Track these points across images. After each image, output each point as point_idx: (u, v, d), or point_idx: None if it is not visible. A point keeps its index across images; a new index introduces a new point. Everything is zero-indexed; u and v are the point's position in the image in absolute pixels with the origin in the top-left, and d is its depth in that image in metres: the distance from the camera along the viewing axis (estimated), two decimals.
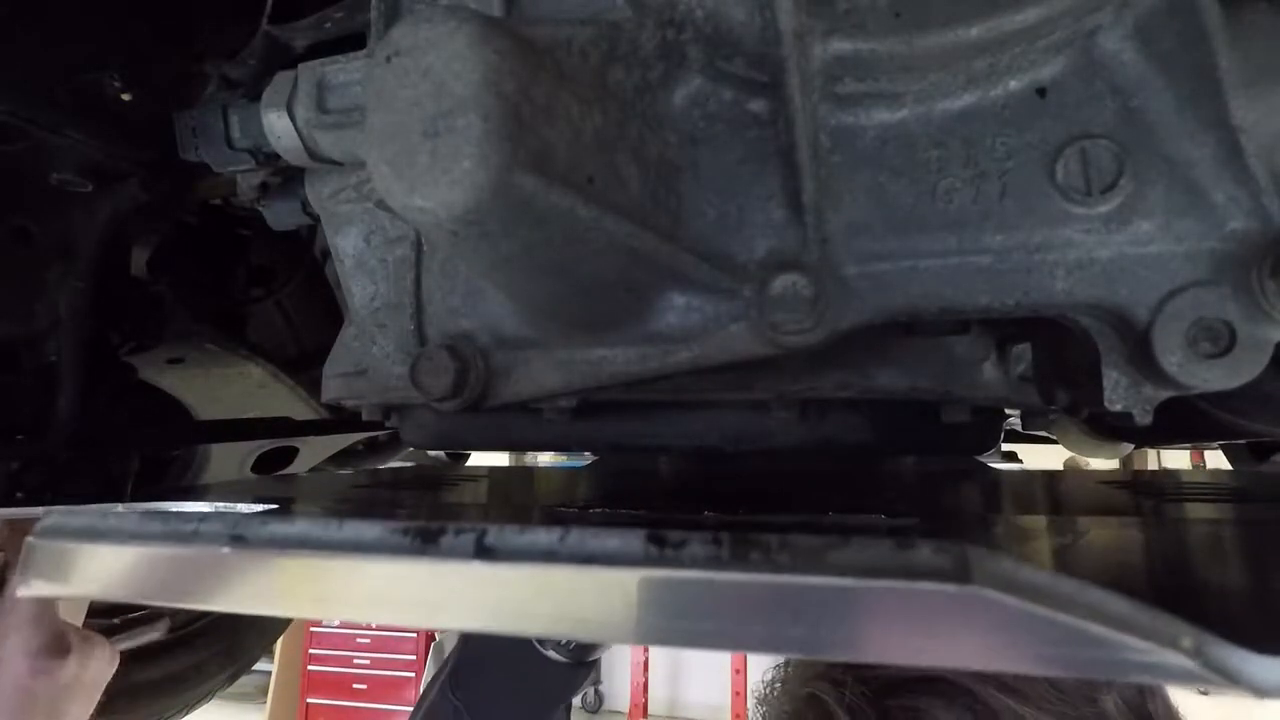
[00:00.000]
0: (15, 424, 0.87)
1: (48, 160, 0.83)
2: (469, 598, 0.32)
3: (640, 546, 0.29)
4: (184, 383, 1.17)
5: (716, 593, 0.28)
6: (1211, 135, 0.43)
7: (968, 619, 0.26)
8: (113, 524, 0.38)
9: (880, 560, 0.27)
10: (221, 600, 0.36)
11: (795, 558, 0.28)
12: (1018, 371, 0.59)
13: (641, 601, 0.29)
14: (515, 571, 0.30)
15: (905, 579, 0.26)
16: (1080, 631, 0.26)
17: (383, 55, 0.40)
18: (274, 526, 0.35)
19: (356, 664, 6.07)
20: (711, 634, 0.29)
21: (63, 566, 0.39)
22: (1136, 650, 0.26)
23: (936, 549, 0.27)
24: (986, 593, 0.26)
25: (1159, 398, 0.46)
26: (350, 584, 0.34)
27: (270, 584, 0.35)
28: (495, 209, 0.39)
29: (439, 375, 0.55)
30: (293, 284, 1.26)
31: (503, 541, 0.31)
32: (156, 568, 0.37)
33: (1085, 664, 0.26)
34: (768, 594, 0.28)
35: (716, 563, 0.28)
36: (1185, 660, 0.26)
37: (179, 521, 0.36)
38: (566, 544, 0.30)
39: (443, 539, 0.32)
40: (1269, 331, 0.42)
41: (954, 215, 0.47)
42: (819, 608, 0.27)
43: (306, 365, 1.26)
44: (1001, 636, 0.26)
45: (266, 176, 0.74)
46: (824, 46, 0.47)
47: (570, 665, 0.79)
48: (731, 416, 0.66)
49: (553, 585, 0.30)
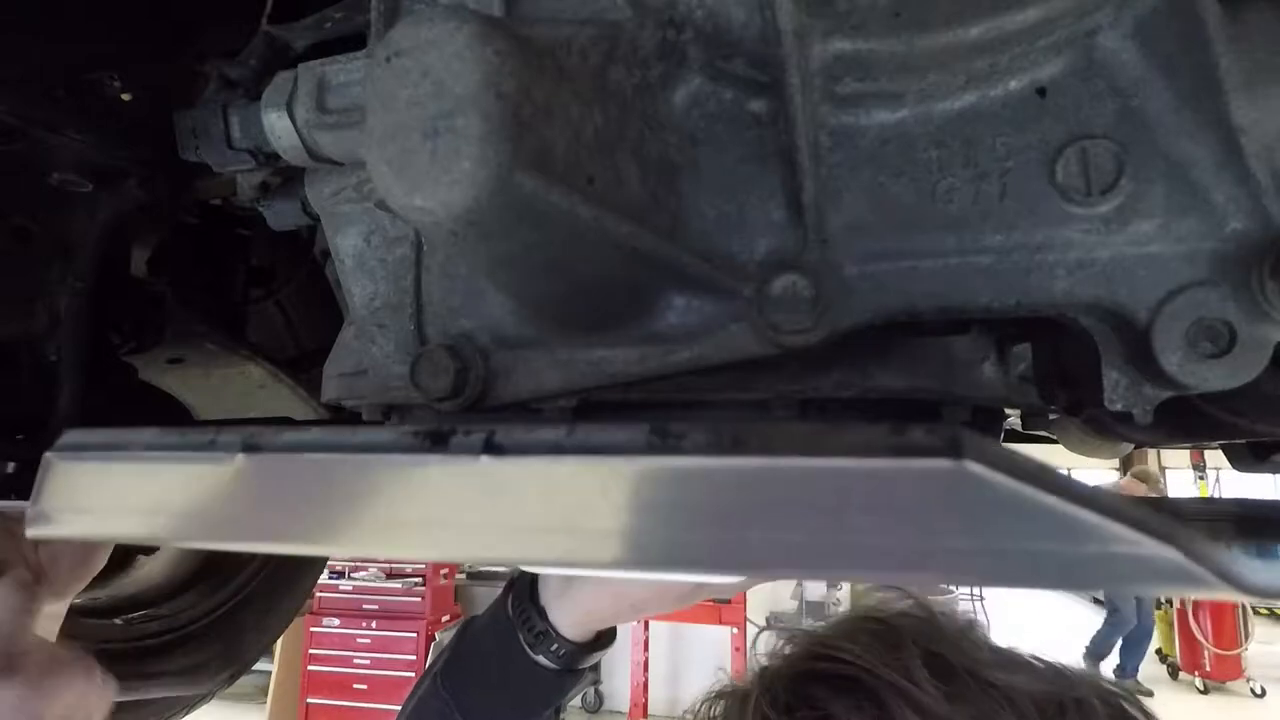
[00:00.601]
0: (15, 424, 0.87)
1: (48, 160, 0.83)
2: (478, 508, 0.31)
3: (643, 437, 0.30)
4: (184, 383, 1.17)
5: (717, 485, 0.28)
6: (1211, 135, 0.43)
7: (959, 498, 0.26)
8: (130, 438, 0.37)
9: (874, 440, 0.27)
10: (235, 533, 0.36)
11: (791, 442, 0.28)
12: (1018, 371, 0.59)
13: (643, 500, 0.29)
14: (522, 469, 0.31)
15: (898, 457, 0.26)
16: (1071, 518, 0.25)
17: (383, 55, 0.40)
18: (289, 435, 0.35)
19: (356, 664, 6.08)
20: (712, 545, 0.28)
21: (78, 489, 0.38)
22: (1127, 542, 0.25)
23: (929, 430, 0.27)
24: (978, 469, 0.25)
25: (1159, 398, 0.46)
26: (362, 501, 0.33)
27: (284, 509, 0.35)
28: (495, 209, 0.39)
29: (439, 375, 0.55)
30: (293, 284, 1.26)
31: (511, 438, 0.31)
32: (173, 492, 0.36)
33: (1075, 560, 0.25)
34: (766, 483, 0.28)
35: (716, 449, 0.28)
36: (1177, 555, 0.25)
37: (196, 433, 0.36)
38: (573, 438, 0.30)
39: (453, 439, 0.32)
40: (1269, 331, 0.42)
41: (954, 215, 0.47)
42: (816, 494, 0.27)
43: (306, 365, 1.26)
44: (992, 521, 0.26)
45: (266, 176, 0.74)
46: (824, 46, 0.47)
47: (559, 672, 0.78)
48: (731, 416, 0.66)
49: (558, 485, 0.30)
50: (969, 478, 0.25)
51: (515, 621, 0.79)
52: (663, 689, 6.50)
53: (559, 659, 0.77)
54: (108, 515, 0.38)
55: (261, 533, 0.36)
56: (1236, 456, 0.86)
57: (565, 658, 0.77)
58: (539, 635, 0.77)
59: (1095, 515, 0.25)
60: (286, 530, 0.35)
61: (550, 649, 0.77)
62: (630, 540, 0.29)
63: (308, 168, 0.66)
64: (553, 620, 0.77)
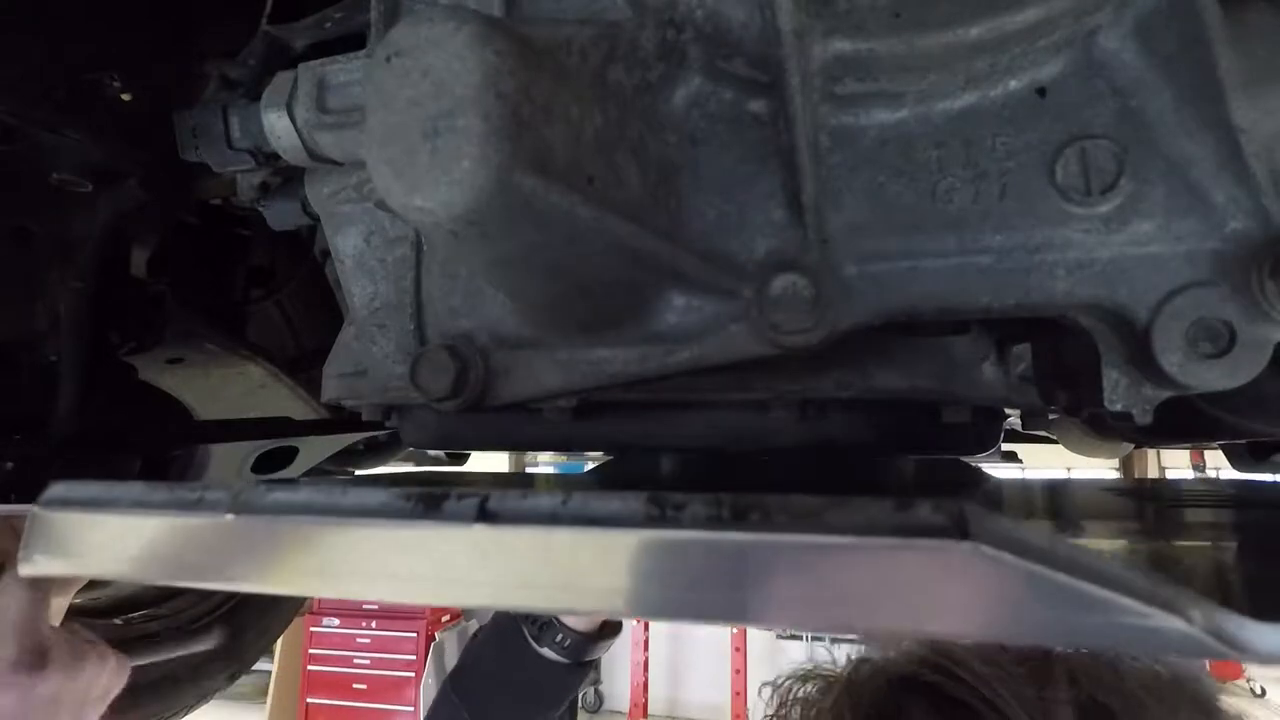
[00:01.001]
0: (14, 424, 0.87)
1: (48, 160, 0.83)
2: (471, 567, 0.31)
3: (641, 508, 0.29)
4: (184, 383, 1.17)
5: (716, 555, 0.28)
6: (1211, 135, 0.43)
7: (966, 577, 0.26)
8: (118, 493, 0.37)
9: (879, 518, 0.27)
10: (223, 577, 0.36)
11: (794, 517, 0.27)
12: (1018, 371, 0.59)
13: (642, 567, 0.29)
14: (517, 537, 0.30)
15: (903, 536, 0.26)
16: (1081, 593, 0.25)
17: (383, 55, 0.40)
18: (278, 494, 0.35)
19: (356, 664, 6.07)
20: (712, 603, 0.28)
21: (66, 538, 0.38)
22: (1138, 615, 0.25)
23: (935, 507, 0.26)
24: (985, 550, 0.25)
25: (1159, 398, 0.46)
26: (353, 554, 0.33)
27: (273, 557, 0.35)
28: (495, 209, 0.39)
29: (439, 375, 0.55)
30: (293, 284, 1.26)
31: (505, 506, 0.31)
32: (159, 541, 0.37)
33: (1085, 630, 0.26)
34: (767, 555, 0.28)
35: (717, 523, 0.28)
36: (1187, 626, 0.25)
37: (184, 490, 0.36)
38: (568, 507, 0.30)
39: (446, 504, 0.32)
40: (1269, 331, 0.42)
41: (954, 215, 0.47)
42: (818, 568, 0.27)
43: (306, 365, 1.26)
44: (1000, 597, 0.26)
45: (266, 176, 0.74)
46: (824, 46, 0.47)
47: (566, 665, 0.78)
48: (731, 416, 0.66)
49: (554, 552, 0.30)
50: (976, 558, 0.25)
51: (519, 616, 0.79)
52: (663, 689, 6.50)
53: (564, 650, 0.78)
54: (96, 562, 0.39)
55: (247, 579, 0.36)
56: (1236, 456, 0.86)
57: (570, 649, 0.78)
58: (543, 627, 0.78)
59: (1104, 590, 0.25)
60: (274, 578, 0.35)
61: (555, 640, 0.77)
62: (629, 597, 0.29)
63: (308, 168, 0.66)
64: None
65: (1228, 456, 0.96)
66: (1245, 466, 0.90)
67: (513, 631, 0.79)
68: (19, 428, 0.87)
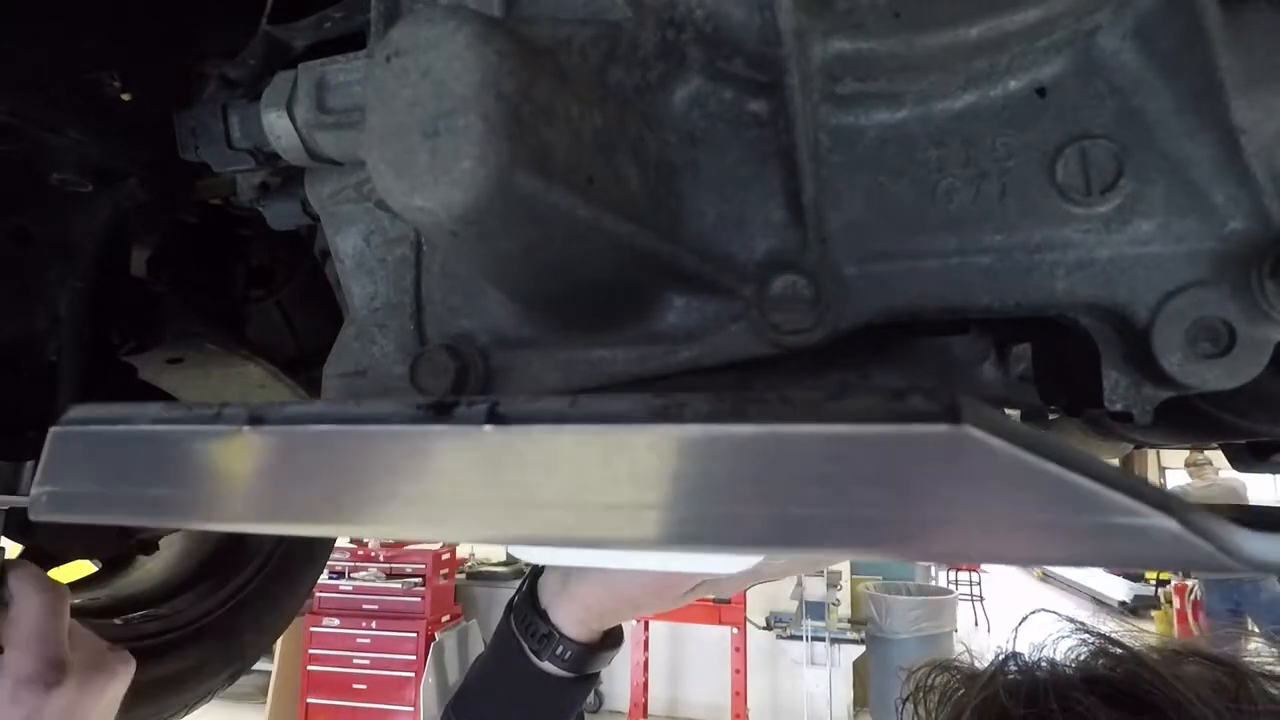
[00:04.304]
0: (14, 424, 0.87)
1: (48, 160, 0.83)
2: (483, 483, 0.31)
3: (646, 406, 0.30)
4: (184, 383, 1.17)
5: (718, 451, 0.29)
6: (1211, 135, 0.43)
7: (956, 463, 0.26)
8: (136, 411, 0.37)
9: (874, 407, 0.27)
10: (236, 510, 0.36)
11: (792, 409, 0.28)
12: (1018, 371, 0.59)
13: (645, 472, 0.29)
14: (526, 440, 0.31)
15: (898, 422, 0.26)
16: (1068, 484, 0.25)
17: (383, 55, 0.40)
18: (293, 408, 0.35)
19: (356, 664, 6.08)
20: (709, 520, 0.29)
21: (83, 463, 0.38)
22: (1129, 513, 0.25)
23: (928, 396, 0.27)
24: (976, 433, 0.25)
25: (1159, 398, 0.46)
26: (366, 472, 0.33)
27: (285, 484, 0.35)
28: (495, 209, 0.39)
29: (439, 375, 0.55)
30: (293, 284, 1.26)
31: (514, 409, 0.31)
32: (175, 465, 0.36)
33: (1071, 529, 0.25)
34: (765, 448, 0.28)
35: (718, 416, 0.29)
36: (1179, 528, 0.25)
37: (201, 407, 0.36)
38: (576, 408, 0.30)
39: (456, 410, 0.32)
40: (1269, 331, 0.42)
41: (954, 215, 0.47)
42: (814, 461, 0.27)
43: (306, 365, 1.26)
44: (989, 485, 0.26)
45: (266, 176, 0.74)
46: (824, 46, 0.47)
47: (569, 680, 0.77)
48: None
49: (561, 458, 0.30)
50: (967, 442, 0.25)
51: (519, 631, 0.78)
52: (663, 689, 6.50)
53: (565, 663, 0.77)
54: (112, 496, 0.38)
55: (261, 510, 0.36)
56: (1236, 456, 0.86)
57: (572, 661, 0.77)
58: (543, 639, 0.77)
59: (1093, 482, 0.25)
60: (290, 508, 0.35)
61: (555, 652, 0.76)
62: (631, 515, 0.29)
63: (308, 168, 0.66)
64: (555, 622, 0.77)
65: (1228, 456, 0.96)
66: (1245, 466, 0.90)
67: (513, 649, 0.78)
68: (19, 428, 0.87)
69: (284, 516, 0.36)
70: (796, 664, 5.86)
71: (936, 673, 0.64)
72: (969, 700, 0.56)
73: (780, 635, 6.03)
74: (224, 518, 0.37)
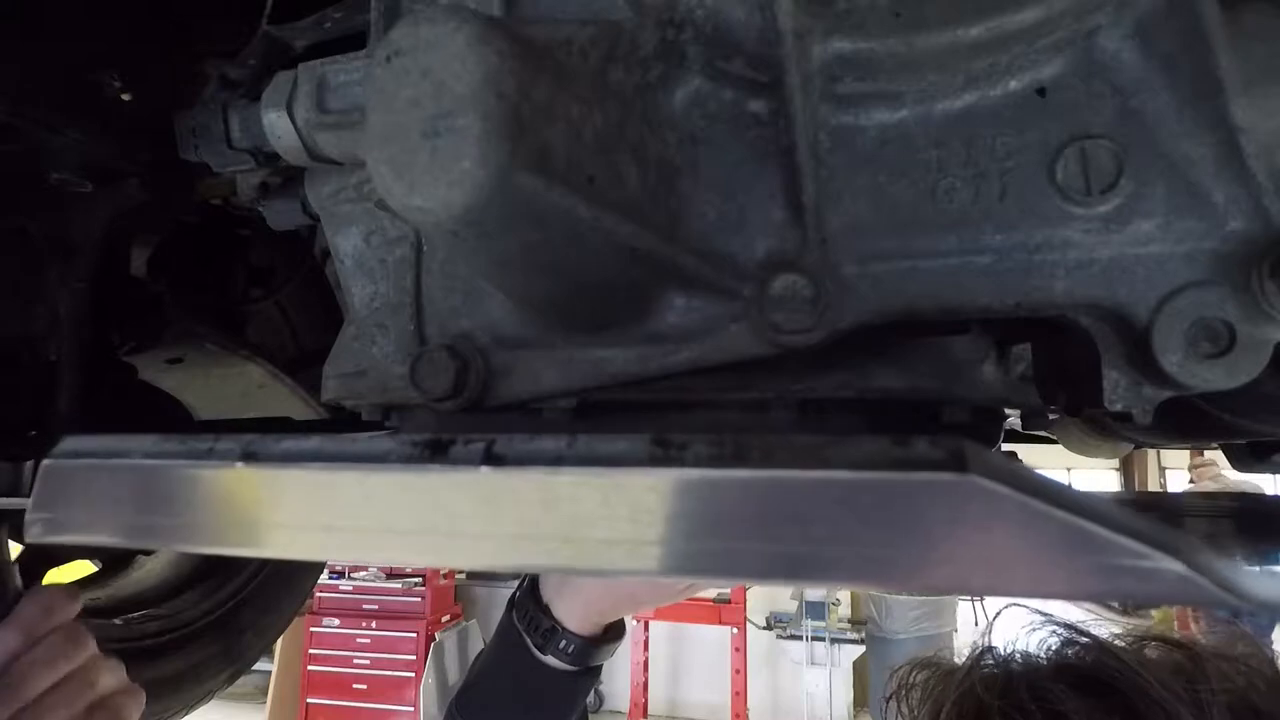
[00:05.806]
0: (14, 424, 0.87)
1: (48, 160, 0.83)
2: (477, 517, 0.31)
3: (645, 449, 0.29)
4: (184, 383, 1.17)
5: (718, 494, 0.28)
6: (1211, 135, 0.43)
7: (962, 510, 0.26)
8: (129, 444, 0.37)
9: (878, 454, 0.27)
10: (231, 536, 0.35)
11: (794, 454, 0.28)
12: (1018, 371, 0.59)
13: (645, 513, 0.29)
14: (523, 480, 0.30)
15: (902, 470, 0.26)
16: (1074, 529, 0.25)
17: (383, 55, 0.40)
18: (288, 443, 0.34)
19: (356, 664, 6.08)
20: (711, 554, 0.28)
21: (76, 494, 0.38)
22: (1134, 555, 0.25)
23: (933, 442, 0.26)
24: (982, 482, 0.25)
25: (1159, 398, 0.46)
26: (361, 506, 0.33)
27: (281, 511, 0.34)
28: (495, 209, 0.39)
29: (439, 375, 0.55)
30: (293, 284, 1.26)
31: (511, 449, 0.31)
32: (168, 497, 0.36)
33: (1078, 570, 0.25)
34: (767, 492, 0.28)
35: (719, 461, 0.28)
36: (1184, 569, 0.25)
37: (194, 441, 0.36)
38: (574, 449, 0.30)
39: (452, 449, 0.32)
40: (1269, 331, 0.42)
41: (954, 215, 0.47)
42: (817, 505, 0.27)
43: (306, 365, 1.26)
44: (996, 531, 0.25)
45: (266, 176, 0.74)
46: (824, 46, 0.47)
47: (572, 673, 0.78)
48: (731, 416, 0.66)
49: (559, 497, 0.30)
50: (973, 491, 0.25)
51: (521, 626, 0.78)
52: (663, 689, 6.50)
53: (568, 656, 0.77)
54: (104, 522, 0.38)
55: (256, 538, 0.35)
56: (1236, 456, 0.86)
57: (574, 654, 0.77)
58: (546, 634, 0.77)
59: (1100, 528, 0.25)
60: (279, 539, 0.35)
61: (559, 646, 0.77)
62: (630, 550, 0.29)
63: (308, 168, 0.66)
64: (557, 615, 0.78)
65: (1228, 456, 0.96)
66: (1245, 466, 0.90)
67: (516, 644, 0.78)
68: (19, 428, 0.87)
69: (275, 546, 0.36)
70: (796, 664, 5.87)
71: (917, 670, 0.65)
72: (948, 696, 0.57)
73: (780, 635, 6.03)
74: (218, 543, 0.37)
